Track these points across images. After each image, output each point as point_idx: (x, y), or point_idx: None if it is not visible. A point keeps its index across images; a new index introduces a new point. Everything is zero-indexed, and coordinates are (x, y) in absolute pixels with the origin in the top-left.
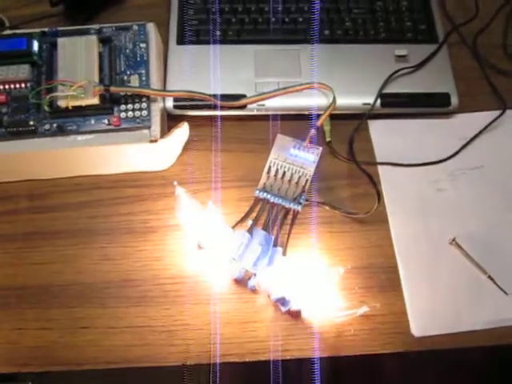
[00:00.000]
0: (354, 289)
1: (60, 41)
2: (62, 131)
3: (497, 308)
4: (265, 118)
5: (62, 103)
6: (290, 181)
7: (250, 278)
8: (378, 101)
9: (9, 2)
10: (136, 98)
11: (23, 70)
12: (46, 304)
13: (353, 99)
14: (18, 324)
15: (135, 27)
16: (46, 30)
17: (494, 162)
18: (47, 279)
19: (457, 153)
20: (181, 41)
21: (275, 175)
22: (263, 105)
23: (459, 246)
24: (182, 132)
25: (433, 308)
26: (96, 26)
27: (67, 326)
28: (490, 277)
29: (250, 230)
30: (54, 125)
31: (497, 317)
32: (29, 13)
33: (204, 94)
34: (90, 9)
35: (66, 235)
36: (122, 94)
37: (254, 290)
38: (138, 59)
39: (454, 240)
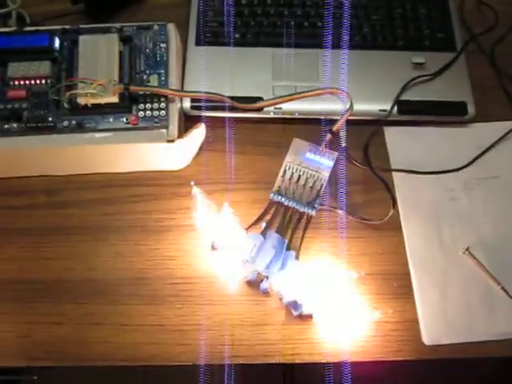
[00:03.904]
0: (366, 295)
1: (81, 38)
2: (80, 128)
3: (509, 319)
4: (281, 121)
5: (81, 100)
6: (304, 185)
7: (262, 281)
8: (395, 108)
9: None
10: (155, 97)
11: (44, 67)
12: (59, 299)
13: (369, 105)
14: (30, 318)
15: (156, 27)
16: (67, 27)
17: (510, 172)
18: (60, 274)
19: (472, 162)
20: (199, 42)
21: (290, 179)
22: (280, 108)
23: (472, 256)
24: (199, 133)
25: (445, 317)
26: (117, 25)
27: (79, 321)
28: (503, 288)
29: (264, 233)
30: (73, 122)
31: (509, 328)
32: (49, 9)
33: (221, 95)
34: (111, 7)
35: (80, 231)
36: (141, 93)
37: (265, 293)
38: (158, 59)
39: (467, 249)
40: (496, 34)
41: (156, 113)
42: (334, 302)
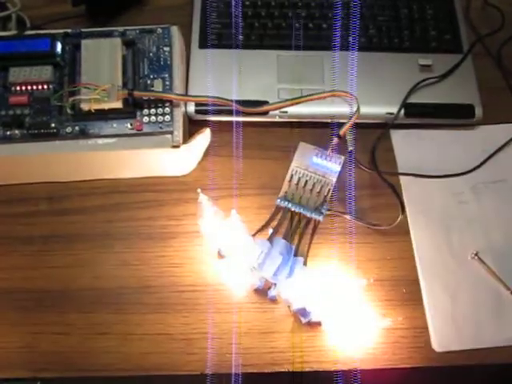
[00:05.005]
0: (375, 301)
1: (84, 43)
2: (83, 134)
3: None
4: (287, 124)
5: (84, 106)
6: (311, 190)
7: (270, 288)
8: (402, 111)
9: (30, 1)
10: (159, 102)
11: (46, 72)
12: (64, 308)
13: (376, 108)
14: (35, 328)
15: (159, 30)
16: (69, 31)
17: None
18: (65, 283)
19: (480, 165)
20: (203, 44)
21: (297, 184)
22: (286, 112)
23: (481, 261)
24: (204, 137)
25: (454, 323)
26: (120, 29)
27: (84, 331)
28: None
29: (271, 239)
30: (76, 128)
31: None
32: (50, 12)
33: (226, 99)
34: (112, 10)
35: (84, 239)
36: (145, 98)
37: (274, 300)
38: (162, 63)
39: (476, 254)
40: (502, 36)
41: (160, 118)
42: (343, 308)
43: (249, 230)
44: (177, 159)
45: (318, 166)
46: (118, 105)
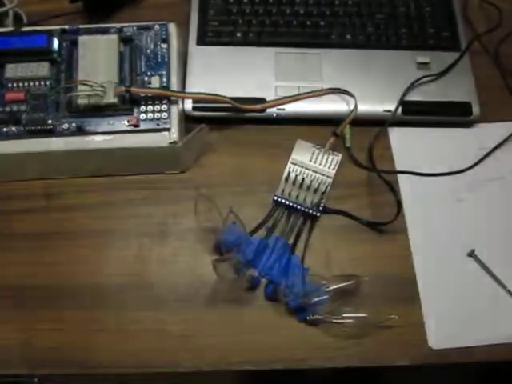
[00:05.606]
0: (372, 298)
1: (81, 39)
2: (80, 131)
3: None
4: (284, 122)
5: (81, 103)
6: (308, 187)
7: (267, 286)
8: (399, 108)
9: None
10: (156, 99)
11: (42, 68)
12: (61, 305)
13: (374, 106)
14: (32, 324)
15: (157, 27)
16: (66, 27)
17: None
18: (62, 280)
19: (477, 163)
20: (201, 41)
21: (294, 181)
22: (283, 109)
23: (478, 259)
24: (201, 134)
25: (451, 321)
26: (117, 25)
27: (81, 327)
28: (509, 291)
29: (268, 237)
30: (73, 124)
31: None
32: (47, 8)
33: (224, 96)
34: (109, 6)
35: (81, 235)
36: (143, 95)
37: (271, 298)
38: (159, 60)
39: (472, 252)
40: (500, 33)
41: (158, 115)
42: (340, 306)
43: (246, 228)
44: (174, 156)
45: (315, 163)
46: (115, 101)
